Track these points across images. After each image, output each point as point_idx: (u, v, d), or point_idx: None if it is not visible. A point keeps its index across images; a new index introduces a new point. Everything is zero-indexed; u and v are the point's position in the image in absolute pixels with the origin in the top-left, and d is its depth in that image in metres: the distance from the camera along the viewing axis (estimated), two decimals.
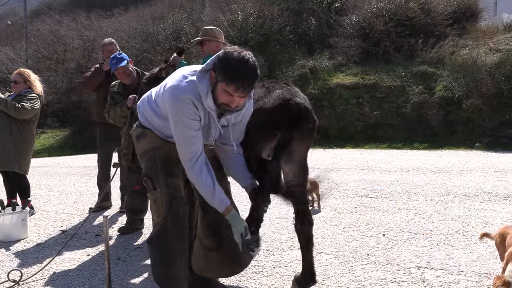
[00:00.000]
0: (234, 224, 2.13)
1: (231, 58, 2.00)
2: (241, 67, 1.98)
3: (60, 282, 2.97)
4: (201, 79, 2.07)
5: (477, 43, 11.51)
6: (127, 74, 3.97)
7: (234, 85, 1.98)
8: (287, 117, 2.29)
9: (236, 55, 2.00)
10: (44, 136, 17.39)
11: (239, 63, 1.98)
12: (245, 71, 1.99)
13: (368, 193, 5.10)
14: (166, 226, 2.18)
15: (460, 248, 3.16)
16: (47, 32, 19.02)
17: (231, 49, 2.05)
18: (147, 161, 2.31)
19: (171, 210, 2.19)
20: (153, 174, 2.25)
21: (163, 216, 2.20)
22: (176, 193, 2.23)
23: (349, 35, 13.23)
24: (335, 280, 2.73)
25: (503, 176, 5.71)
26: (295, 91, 2.42)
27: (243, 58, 2.00)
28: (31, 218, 4.65)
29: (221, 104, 2.06)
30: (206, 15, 16.59)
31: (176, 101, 2.08)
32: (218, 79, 2.02)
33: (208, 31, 3.55)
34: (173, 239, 2.18)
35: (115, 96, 3.97)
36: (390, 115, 10.69)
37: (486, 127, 9.51)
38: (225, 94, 2.02)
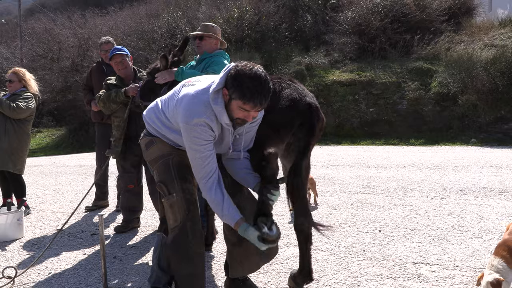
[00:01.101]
0: (247, 235, 2.14)
1: (245, 76, 2.00)
2: (256, 85, 1.99)
3: (56, 281, 2.96)
4: (215, 100, 2.08)
5: (473, 39, 11.55)
6: (124, 65, 3.92)
7: (252, 103, 2.00)
8: (298, 118, 2.32)
9: (249, 72, 2.01)
10: (39, 135, 17.32)
11: (254, 81, 1.99)
12: (261, 88, 2.00)
13: (364, 190, 5.11)
14: (185, 230, 2.25)
15: (455, 244, 3.18)
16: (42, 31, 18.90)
17: (242, 66, 2.04)
18: (160, 167, 2.34)
19: (190, 214, 2.27)
20: (167, 179, 2.29)
21: (181, 220, 2.26)
22: (191, 198, 2.30)
23: (345, 31, 13.24)
24: (331, 277, 2.74)
25: (498, 171, 5.74)
26: (302, 89, 2.44)
27: (256, 75, 2.01)
28: (27, 218, 4.64)
29: (237, 119, 2.08)
30: (202, 13, 16.54)
31: (190, 125, 2.09)
32: (233, 97, 2.03)
33: (209, 27, 3.52)
34: (193, 241, 2.26)
35: (112, 87, 3.89)
36: (386, 111, 10.71)
37: (481, 122, 9.55)
38: (241, 111, 2.04)
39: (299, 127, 2.32)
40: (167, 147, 2.34)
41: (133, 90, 3.67)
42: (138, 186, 3.99)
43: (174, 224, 2.30)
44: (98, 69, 4.85)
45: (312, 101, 2.37)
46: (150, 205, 4.27)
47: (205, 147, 2.12)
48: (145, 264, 3.20)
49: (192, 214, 2.27)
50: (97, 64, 4.97)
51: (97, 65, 4.95)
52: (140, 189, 4.04)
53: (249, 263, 2.44)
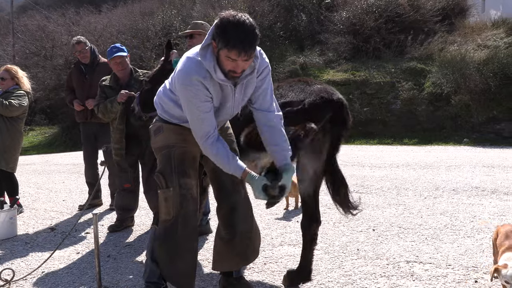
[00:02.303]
0: (253, 182, 2.13)
1: (228, 22, 1.95)
2: (239, 32, 1.94)
3: (49, 281, 2.95)
4: (204, 56, 2.04)
5: (466, 40, 11.63)
6: (124, 66, 3.88)
7: (236, 49, 1.94)
8: (330, 110, 2.38)
9: (232, 19, 1.96)
10: (32, 134, 17.18)
11: (237, 27, 1.94)
12: (244, 35, 1.94)
13: (358, 189, 5.14)
14: (175, 227, 2.24)
15: (448, 242, 3.21)
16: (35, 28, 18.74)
17: (226, 14, 1.99)
18: (162, 157, 2.33)
19: (182, 211, 2.25)
20: (166, 171, 2.27)
21: (173, 216, 2.24)
22: (187, 194, 2.27)
23: (340, 31, 13.27)
24: (326, 275, 2.75)
25: (490, 171, 5.80)
26: (332, 88, 2.53)
27: (239, 21, 1.95)
28: (20, 216, 4.60)
29: (228, 71, 2.02)
30: (196, 11, 16.50)
31: (185, 85, 2.07)
32: (219, 47, 1.97)
33: (199, 25, 3.54)
34: (182, 239, 2.25)
35: (106, 89, 3.88)
36: (380, 111, 10.77)
37: (474, 122, 9.63)
38: (229, 60, 1.98)
39: (331, 120, 2.39)
40: (173, 136, 2.31)
41: (122, 96, 3.62)
42: (134, 185, 3.98)
43: (165, 217, 2.29)
44: (77, 71, 4.81)
45: (343, 98, 2.48)
46: (144, 204, 4.25)
47: (202, 108, 2.08)
48: (139, 263, 3.19)
49: (185, 210, 2.26)
50: (75, 65, 4.92)
51: (75, 66, 4.90)
52: (137, 188, 4.03)
53: (230, 261, 2.47)
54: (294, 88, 2.47)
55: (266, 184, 2.11)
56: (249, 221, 2.44)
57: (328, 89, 2.46)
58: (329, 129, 2.42)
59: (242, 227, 2.38)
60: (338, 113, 2.41)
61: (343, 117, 2.45)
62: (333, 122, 2.41)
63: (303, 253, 2.56)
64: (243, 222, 2.39)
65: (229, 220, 2.38)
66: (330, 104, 2.39)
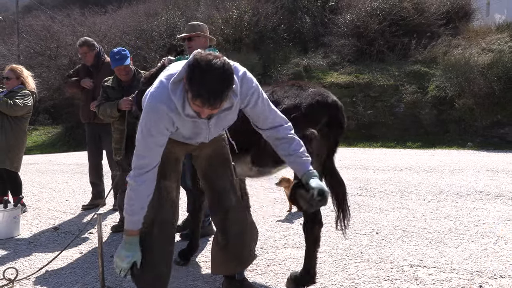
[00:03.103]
0: (128, 247, 2.07)
1: (199, 68, 1.76)
2: (206, 79, 1.74)
3: (53, 280, 2.95)
4: (174, 91, 1.90)
5: (470, 43, 11.61)
6: (127, 71, 3.88)
7: (199, 100, 1.77)
8: (326, 113, 2.39)
9: (204, 65, 1.76)
10: (36, 133, 17.24)
11: (206, 75, 1.75)
12: (212, 86, 1.74)
13: (361, 192, 5.12)
14: (151, 231, 2.17)
15: (452, 247, 3.19)
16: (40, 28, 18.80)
17: (200, 57, 1.79)
18: None
19: (159, 216, 2.21)
20: None
21: (149, 220, 2.17)
22: (166, 197, 2.25)
23: (343, 34, 13.27)
24: (329, 278, 2.74)
25: (494, 175, 5.77)
26: (327, 91, 2.54)
27: (211, 68, 1.75)
28: (23, 216, 4.61)
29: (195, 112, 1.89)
30: (201, 13, 16.54)
31: (150, 109, 1.96)
32: (186, 88, 1.83)
33: (196, 27, 3.53)
34: (157, 244, 2.18)
35: (108, 90, 3.87)
36: (383, 114, 10.75)
37: (478, 126, 9.60)
38: (194, 105, 1.84)
39: (327, 124, 2.39)
40: None
41: (126, 104, 3.60)
42: None
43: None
44: (84, 70, 4.82)
45: (338, 100, 2.48)
46: None
47: (156, 138, 1.97)
48: None
49: (162, 216, 2.22)
50: (83, 64, 4.92)
51: (83, 65, 4.91)
52: None
53: (226, 266, 2.45)
54: (288, 94, 2.47)
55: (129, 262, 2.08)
56: (241, 226, 2.41)
57: (323, 92, 2.46)
58: (325, 132, 2.43)
59: (234, 232, 2.36)
60: (334, 116, 2.42)
61: (339, 119, 2.45)
62: (329, 124, 2.42)
63: (306, 255, 2.56)
64: (235, 226, 2.37)
65: (223, 225, 2.38)
66: (326, 107, 2.40)
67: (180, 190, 2.41)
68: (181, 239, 3.65)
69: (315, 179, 2.06)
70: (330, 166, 2.50)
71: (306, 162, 2.10)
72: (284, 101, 2.43)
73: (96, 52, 4.72)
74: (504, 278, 2.62)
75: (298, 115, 2.33)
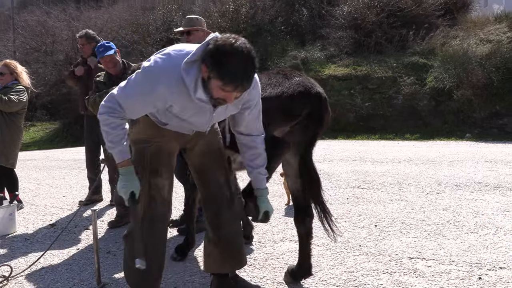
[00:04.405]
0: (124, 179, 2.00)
1: (225, 53, 1.74)
2: (237, 65, 1.75)
3: (49, 277, 2.92)
4: (187, 71, 1.84)
5: (468, 34, 11.54)
6: (114, 63, 3.89)
7: (232, 85, 1.77)
8: (307, 105, 2.30)
9: (229, 49, 1.74)
10: (33, 129, 17.15)
11: (235, 60, 1.74)
12: (243, 68, 1.76)
13: (360, 184, 5.10)
14: (141, 228, 2.13)
15: (451, 238, 3.18)
16: (35, 23, 18.65)
17: (223, 41, 1.77)
18: (135, 152, 2.23)
19: (149, 213, 2.16)
20: (137, 169, 2.12)
21: (139, 217, 2.14)
22: (156, 195, 2.18)
23: (341, 26, 13.18)
24: (327, 272, 2.72)
25: (493, 166, 5.75)
26: (313, 81, 2.44)
27: (238, 52, 1.75)
28: (20, 212, 4.59)
29: (216, 98, 1.86)
30: (197, 6, 16.42)
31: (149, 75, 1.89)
32: (212, 76, 1.78)
33: (194, 20, 3.51)
34: (147, 241, 2.12)
35: (99, 85, 3.89)
36: (381, 106, 10.71)
37: (476, 117, 9.57)
38: (221, 91, 1.80)
39: (308, 116, 2.31)
40: (149, 130, 2.17)
41: None
42: None
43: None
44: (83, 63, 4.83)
45: (322, 92, 2.38)
46: None
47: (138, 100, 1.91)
48: None
49: (152, 213, 2.16)
50: (82, 58, 4.95)
51: (82, 59, 4.93)
52: None
53: (221, 265, 2.37)
54: (272, 82, 2.37)
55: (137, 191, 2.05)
56: (236, 223, 2.38)
57: (306, 83, 2.35)
58: (305, 123, 2.33)
59: (228, 229, 2.32)
60: (315, 108, 2.31)
61: (320, 111, 2.33)
62: (310, 116, 2.31)
63: (301, 248, 2.53)
64: (229, 224, 2.33)
65: (217, 221, 2.32)
66: (308, 98, 2.30)
67: (173, 186, 2.35)
68: (178, 233, 3.63)
69: (265, 198, 2.23)
70: (307, 160, 2.40)
71: (263, 180, 2.23)
72: (266, 89, 2.33)
73: (95, 45, 4.72)
74: (504, 269, 2.61)
75: (277, 106, 2.26)
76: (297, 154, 2.41)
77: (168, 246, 3.37)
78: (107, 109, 1.97)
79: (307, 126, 2.33)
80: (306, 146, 2.38)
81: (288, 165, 2.51)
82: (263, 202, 2.21)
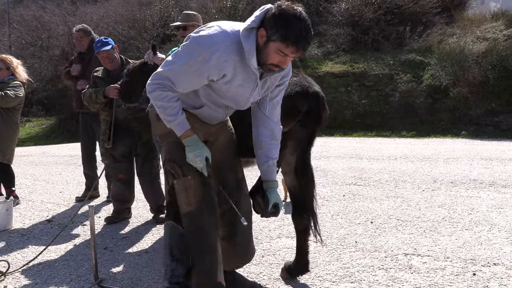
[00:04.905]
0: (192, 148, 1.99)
1: (291, 16, 1.82)
2: (302, 28, 1.82)
3: (46, 273, 2.93)
4: (247, 37, 1.86)
5: (465, 32, 11.56)
6: (111, 59, 3.87)
7: (295, 46, 1.82)
8: (306, 104, 2.32)
9: (293, 12, 1.83)
10: (29, 125, 17.08)
11: (300, 23, 1.82)
12: (305, 32, 1.82)
13: (356, 181, 5.13)
14: (201, 216, 2.07)
15: (446, 235, 3.20)
16: (31, 18, 18.51)
17: (286, 5, 1.85)
18: (170, 145, 2.14)
19: (205, 199, 2.08)
20: (180, 159, 2.06)
21: (196, 206, 2.07)
22: (207, 181, 2.09)
23: (338, 22, 13.17)
24: (323, 268, 2.74)
25: (488, 163, 5.79)
26: (310, 79, 2.46)
27: (301, 15, 1.83)
28: (16, 208, 4.58)
29: (270, 64, 1.89)
30: (195, 2, 16.33)
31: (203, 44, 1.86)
32: (273, 39, 1.83)
33: (191, 16, 3.54)
34: (209, 229, 2.07)
35: (97, 80, 3.87)
36: (378, 103, 10.73)
37: (472, 115, 9.61)
38: (279, 54, 1.85)
39: (306, 114, 2.34)
40: None
41: (113, 92, 3.60)
42: (128, 176, 3.95)
43: (188, 208, 2.09)
44: (78, 59, 4.82)
45: (320, 91, 2.40)
46: (142, 196, 4.23)
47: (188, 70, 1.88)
48: (136, 255, 3.18)
49: (208, 198, 2.09)
50: (77, 54, 4.93)
51: (77, 55, 4.91)
52: (131, 179, 4.00)
53: (229, 262, 2.33)
54: None
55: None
56: (250, 219, 2.34)
57: (304, 82, 2.38)
58: (303, 122, 2.37)
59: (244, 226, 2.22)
60: (313, 107, 2.35)
61: (318, 110, 2.37)
62: (308, 115, 2.35)
63: (298, 245, 2.56)
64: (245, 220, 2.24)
65: (230, 218, 2.23)
66: (305, 98, 2.33)
67: None
68: None
69: (274, 189, 2.19)
70: (305, 158, 2.42)
71: (274, 171, 2.22)
72: None
73: (91, 39, 4.72)
74: (498, 265, 2.64)
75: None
76: (295, 151, 2.43)
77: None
78: (157, 85, 1.94)
79: (305, 124, 2.37)
80: (304, 144, 2.40)
81: (286, 163, 2.52)
82: (272, 193, 2.18)
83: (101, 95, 3.67)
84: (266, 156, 2.18)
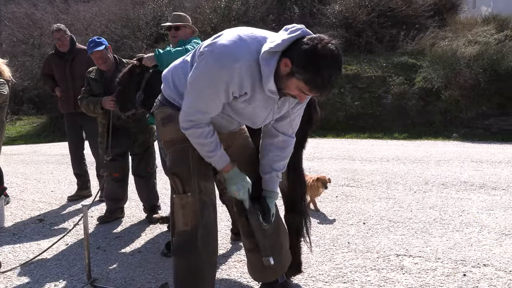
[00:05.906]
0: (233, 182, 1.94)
1: (323, 60, 1.66)
2: (330, 73, 1.68)
3: (38, 272, 2.91)
4: (267, 61, 1.71)
5: (457, 35, 11.69)
6: (104, 59, 3.82)
7: (319, 92, 1.72)
8: None
9: (328, 56, 1.67)
10: (20, 123, 16.88)
11: (330, 70, 1.67)
12: (333, 78, 1.70)
13: (349, 182, 5.16)
14: (195, 237, 1.96)
15: (437, 236, 3.24)
16: (23, 15, 18.33)
17: (321, 45, 1.67)
18: (176, 154, 2.02)
19: (203, 220, 1.97)
20: (183, 172, 1.97)
21: (192, 226, 1.96)
22: (208, 200, 2.01)
23: (332, 24, 13.24)
24: (316, 268, 2.76)
25: (478, 166, 5.86)
26: None
27: (335, 62, 1.69)
28: (7, 207, 4.54)
29: (288, 94, 1.78)
30: (188, 1, 16.31)
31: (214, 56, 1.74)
32: (298, 77, 1.68)
33: (182, 17, 3.57)
34: (204, 252, 1.98)
35: (91, 82, 3.83)
36: (371, 105, 10.80)
37: (463, 118, 9.72)
38: (299, 91, 1.74)
39: None
40: None
41: (109, 104, 3.57)
42: (122, 175, 3.94)
43: (183, 227, 1.99)
44: (57, 58, 4.75)
45: None
46: (135, 196, 4.22)
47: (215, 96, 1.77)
48: (129, 255, 3.17)
49: (206, 220, 1.98)
50: (54, 53, 4.82)
51: (54, 54, 4.81)
52: (125, 178, 3.99)
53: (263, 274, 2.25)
54: None
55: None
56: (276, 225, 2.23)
57: None
58: None
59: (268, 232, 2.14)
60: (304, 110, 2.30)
61: (310, 113, 2.36)
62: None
63: (290, 246, 2.56)
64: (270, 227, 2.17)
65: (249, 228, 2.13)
66: None
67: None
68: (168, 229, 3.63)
69: (273, 200, 2.15)
70: (294, 160, 2.39)
71: (276, 183, 2.16)
72: None
73: (70, 37, 4.68)
74: (487, 266, 2.68)
75: None
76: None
77: (158, 242, 3.39)
78: (190, 123, 1.85)
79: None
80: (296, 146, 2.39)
81: None
82: (271, 203, 2.13)
83: (99, 107, 3.66)
84: (271, 167, 2.12)
